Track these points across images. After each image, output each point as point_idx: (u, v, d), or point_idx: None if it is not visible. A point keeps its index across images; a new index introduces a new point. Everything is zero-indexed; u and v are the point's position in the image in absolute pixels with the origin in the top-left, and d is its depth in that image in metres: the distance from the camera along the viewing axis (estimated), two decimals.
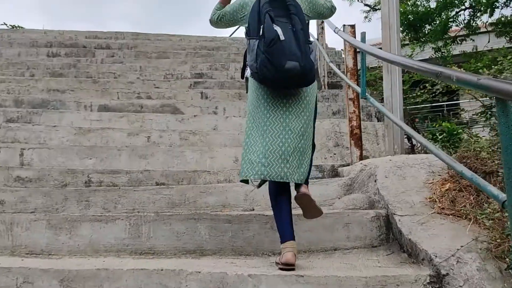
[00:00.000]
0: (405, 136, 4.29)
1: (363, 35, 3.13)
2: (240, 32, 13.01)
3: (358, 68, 3.80)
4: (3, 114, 4.92)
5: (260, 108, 2.27)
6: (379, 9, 11.12)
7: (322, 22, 6.52)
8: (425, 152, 3.79)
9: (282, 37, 2.14)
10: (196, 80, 6.62)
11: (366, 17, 11.24)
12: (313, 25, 6.94)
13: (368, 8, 11.13)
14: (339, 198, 3.19)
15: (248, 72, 2.36)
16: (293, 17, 2.23)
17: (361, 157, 3.96)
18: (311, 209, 2.29)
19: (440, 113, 9.87)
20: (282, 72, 2.10)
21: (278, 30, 2.16)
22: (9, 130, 4.50)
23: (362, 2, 11.06)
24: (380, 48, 3.60)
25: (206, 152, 4.28)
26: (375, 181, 2.94)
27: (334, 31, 4.24)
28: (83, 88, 5.97)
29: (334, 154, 4.54)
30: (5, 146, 4.15)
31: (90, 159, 4.16)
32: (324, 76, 6.45)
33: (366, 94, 3.13)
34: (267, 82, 2.21)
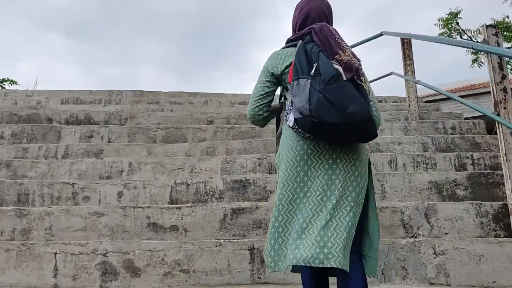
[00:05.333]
0: None
1: None
2: None
3: None
4: None
5: (301, 169, 1.72)
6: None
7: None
8: None
9: (344, 77, 1.64)
10: (236, 205, 3.13)
11: (475, 61, 7.69)
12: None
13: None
14: None
15: (290, 120, 1.74)
16: None
17: None
18: None
19: None
20: (346, 116, 1.57)
21: (340, 68, 1.65)
22: None
23: (469, 39, 7.52)
24: None
25: None
26: None
27: None
28: None
29: None
30: None
31: None
32: None
33: None
34: (323, 130, 1.62)
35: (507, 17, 7.38)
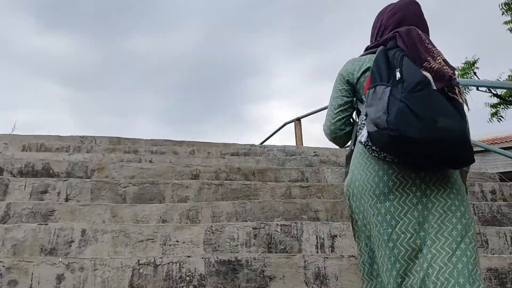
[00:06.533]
0: None
1: None
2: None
3: None
4: None
5: (382, 206, 1.44)
6: None
7: None
8: None
9: (434, 86, 1.36)
10: None
11: (494, 114, 6.99)
12: None
13: (496, 101, 6.86)
14: None
15: (362, 135, 1.47)
16: None
17: None
18: None
19: None
20: (436, 131, 1.26)
21: (429, 76, 1.38)
22: None
23: (487, 91, 6.88)
24: None
25: None
26: None
27: None
28: None
29: None
30: None
31: None
32: None
33: None
34: (403, 147, 1.32)
35: None
